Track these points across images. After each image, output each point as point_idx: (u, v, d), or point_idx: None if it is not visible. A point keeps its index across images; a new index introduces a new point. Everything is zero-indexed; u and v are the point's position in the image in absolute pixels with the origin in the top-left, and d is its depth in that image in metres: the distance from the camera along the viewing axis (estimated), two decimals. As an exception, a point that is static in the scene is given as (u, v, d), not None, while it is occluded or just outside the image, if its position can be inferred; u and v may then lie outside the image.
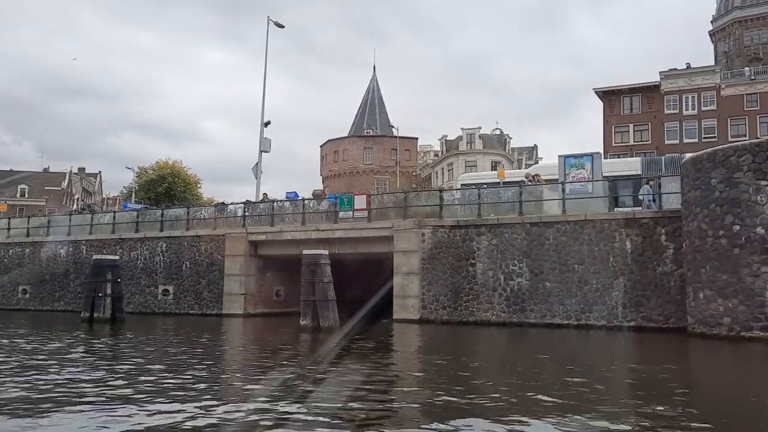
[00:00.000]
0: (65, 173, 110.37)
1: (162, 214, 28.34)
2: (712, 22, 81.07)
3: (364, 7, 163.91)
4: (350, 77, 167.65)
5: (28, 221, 32.19)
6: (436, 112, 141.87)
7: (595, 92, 56.92)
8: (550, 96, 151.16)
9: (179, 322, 22.55)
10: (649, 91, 54.24)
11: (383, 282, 24.83)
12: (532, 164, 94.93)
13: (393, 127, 56.60)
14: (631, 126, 54.41)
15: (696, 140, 51.52)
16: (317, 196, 26.75)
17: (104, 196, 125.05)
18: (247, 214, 26.27)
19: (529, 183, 22.49)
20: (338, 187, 64.51)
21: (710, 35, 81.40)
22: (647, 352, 15.26)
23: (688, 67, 54.61)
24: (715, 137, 51.22)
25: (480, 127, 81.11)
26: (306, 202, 25.59)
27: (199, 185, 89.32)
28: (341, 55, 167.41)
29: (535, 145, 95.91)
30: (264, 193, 28.28)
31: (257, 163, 29.83)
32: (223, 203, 27.37)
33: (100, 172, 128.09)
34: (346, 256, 25.62)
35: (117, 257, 23.39)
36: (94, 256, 22.98)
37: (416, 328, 20.66)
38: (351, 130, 70.80)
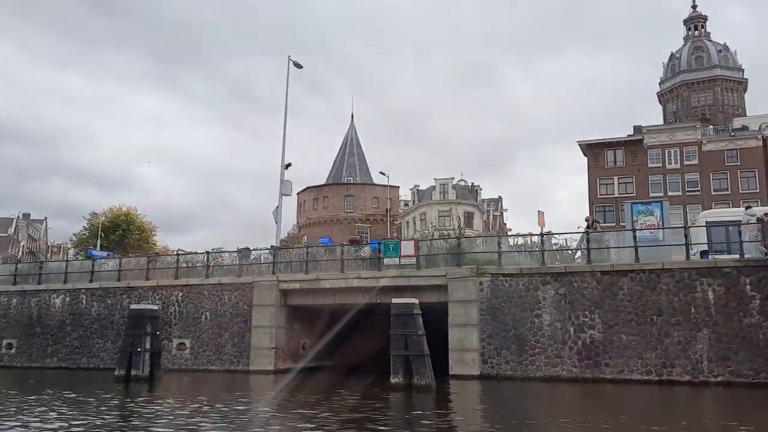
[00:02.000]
0: (12, 218, 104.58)
1: (177, 261, 26.08)
2: (660, 84, 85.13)
3: (302, 58, 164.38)
4: (288, 127, 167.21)
5: (16, 268, 29.18)
6: (374, 164, 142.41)
7: (579, 145, 57.94)
8: (484, 151, 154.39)
9: (218, 380, 20.31)
10: (632, 144, 55.56)
11: (433, 334, 23.32)
12: (498, 216, 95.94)
13: (384, 174, 55.81)
14: (616, 179, 55.34)
15: (680, 193, 52.75)
16: (355, 242, 25.20)
17: (49, 243, 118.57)
18: (278, 260, 24.36)
19: (589, 229, 21.67)
20: (317, 235, 62.89)
21: (658, 96, 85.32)
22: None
23: (669, 123, 56.40)
24: (698, 191, 52.59)
25: (453, 178, 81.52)
26: (345, 248, 23.97)
27: (154, 233, 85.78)
28: (278, 105, 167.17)
29: (500, 196, 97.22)
30: (282, 240, 26.52)
31: (277, 207, 28.16)
32: (247, 248, 25.43)
33: (45, 218, 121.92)
34: (383, 306, 24.09)
35: (156, 307, 21.05)
36: (131, 306, 20.58)
37: (484, 385, 19.13)
38: (329, 177, 69.60)
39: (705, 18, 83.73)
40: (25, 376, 23.38)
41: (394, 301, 16.70)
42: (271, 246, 25.53)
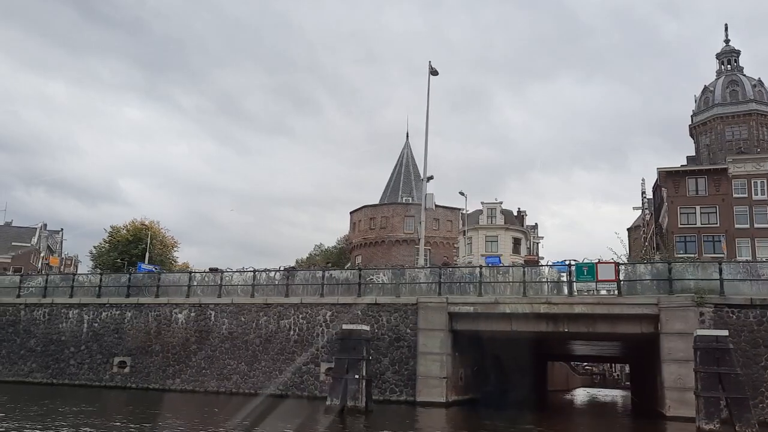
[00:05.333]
0: (35, 228, 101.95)
1: (323, 276, 23.71)
2: (692, 116, 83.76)
3: (291, 75, 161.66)
4: (274, 144, 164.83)
5: (129, 278, 26.72)
6: (361, 184, 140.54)
7: (658, 171, 56.12)
8: (473, 174, 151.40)
9: (428, 416, 17.72)
10: (715, 173, 53.61)
11: (636, 370, 21.00)
12: (538, 243, 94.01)
13: (463, 194, 53.33)
14: (698, 208, 53.22)
15: (767, 226, 50.72)
16: (530, 262, 22.92)
17: (63, 256, 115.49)
18: (445, 280, 22.05)
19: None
20: (373, 255, 60.65)
21: (690, 129, 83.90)
22: None
23: (757, 151, 54.63)
24: (788, 224, 50.56)
25: (501, 202, 79.73)
26: (525, 269, 21.64)
27: (176, 248, 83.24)
28: (266, 121, 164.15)
29: (536, 223, 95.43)
30: (446, 257, 24.24)
31: (420, 222, 25.90)
32: (402, 266, 23.09)
33: (62, 229, 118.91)
34: (556, 335, 21.84)
35: (368, 327, 18.62)
36: (343, 326, 18.15)
37: None
38: (384, 197, 67.37)
39: (738, 52, 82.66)
40: (163, 401, 20.85)
41: (698, 332, 14.40)
42: (438, 264, 23.18)
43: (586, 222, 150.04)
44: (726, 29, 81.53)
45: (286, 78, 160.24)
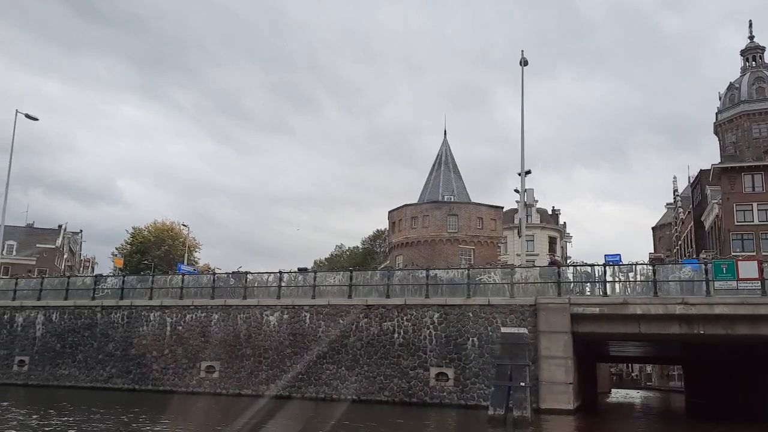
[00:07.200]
0: (58, 230, 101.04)
1: (427, 277, 22.45)
2: (717, 114, 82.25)
3: (290, 74, 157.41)
4: (274, 143, 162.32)
5: (214, 279, 25.52)
6: (362, 184, 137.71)
7: (713, 168, 54.75)
8: (474, 173, 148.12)
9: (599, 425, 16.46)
10: (773, 169, 52.26)
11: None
12: (568, 242, 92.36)
13: (517, 192, 52.09)
14: (755, 205, 51.82)
15: (829, 223, 49.32)
16: (657, 259, 21.64)
17: (81, 257, 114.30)
18: (564, 280, 20.77)
19: None
20: (414, 255, 59.35)
21: (715, 126, 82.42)
22: None
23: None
24: None
25: (537, 201, 78.61)
26: (654, 267, 20.34)
27: (198, 249, 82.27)
28: (266, 120, 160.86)
29: (564, 222, 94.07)
30: (552, 254, 22.97)
31: (520, 219, 24.65)
32: (512, 265, 21.82)
33: (81, 230, 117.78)
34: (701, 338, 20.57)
35: (525, 330, 17.35)
36: (503, 329, 16.90)
37: None
38: (422, 195, 66.17)
39: (763, 48, 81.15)
40: (273, 410, 19.55)
41: None
42: (551, 262, 21.93)
43: (587, 221, 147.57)
44: (750, 25, 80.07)
45: (286, 77, 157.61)
